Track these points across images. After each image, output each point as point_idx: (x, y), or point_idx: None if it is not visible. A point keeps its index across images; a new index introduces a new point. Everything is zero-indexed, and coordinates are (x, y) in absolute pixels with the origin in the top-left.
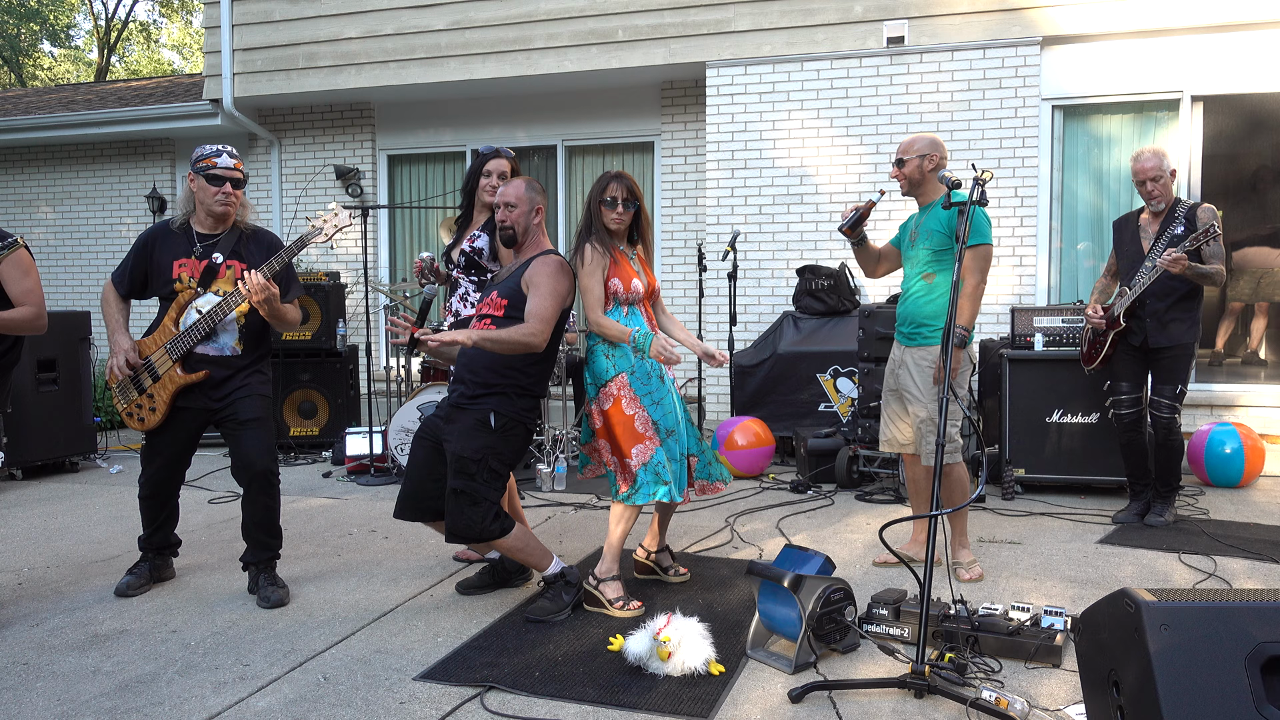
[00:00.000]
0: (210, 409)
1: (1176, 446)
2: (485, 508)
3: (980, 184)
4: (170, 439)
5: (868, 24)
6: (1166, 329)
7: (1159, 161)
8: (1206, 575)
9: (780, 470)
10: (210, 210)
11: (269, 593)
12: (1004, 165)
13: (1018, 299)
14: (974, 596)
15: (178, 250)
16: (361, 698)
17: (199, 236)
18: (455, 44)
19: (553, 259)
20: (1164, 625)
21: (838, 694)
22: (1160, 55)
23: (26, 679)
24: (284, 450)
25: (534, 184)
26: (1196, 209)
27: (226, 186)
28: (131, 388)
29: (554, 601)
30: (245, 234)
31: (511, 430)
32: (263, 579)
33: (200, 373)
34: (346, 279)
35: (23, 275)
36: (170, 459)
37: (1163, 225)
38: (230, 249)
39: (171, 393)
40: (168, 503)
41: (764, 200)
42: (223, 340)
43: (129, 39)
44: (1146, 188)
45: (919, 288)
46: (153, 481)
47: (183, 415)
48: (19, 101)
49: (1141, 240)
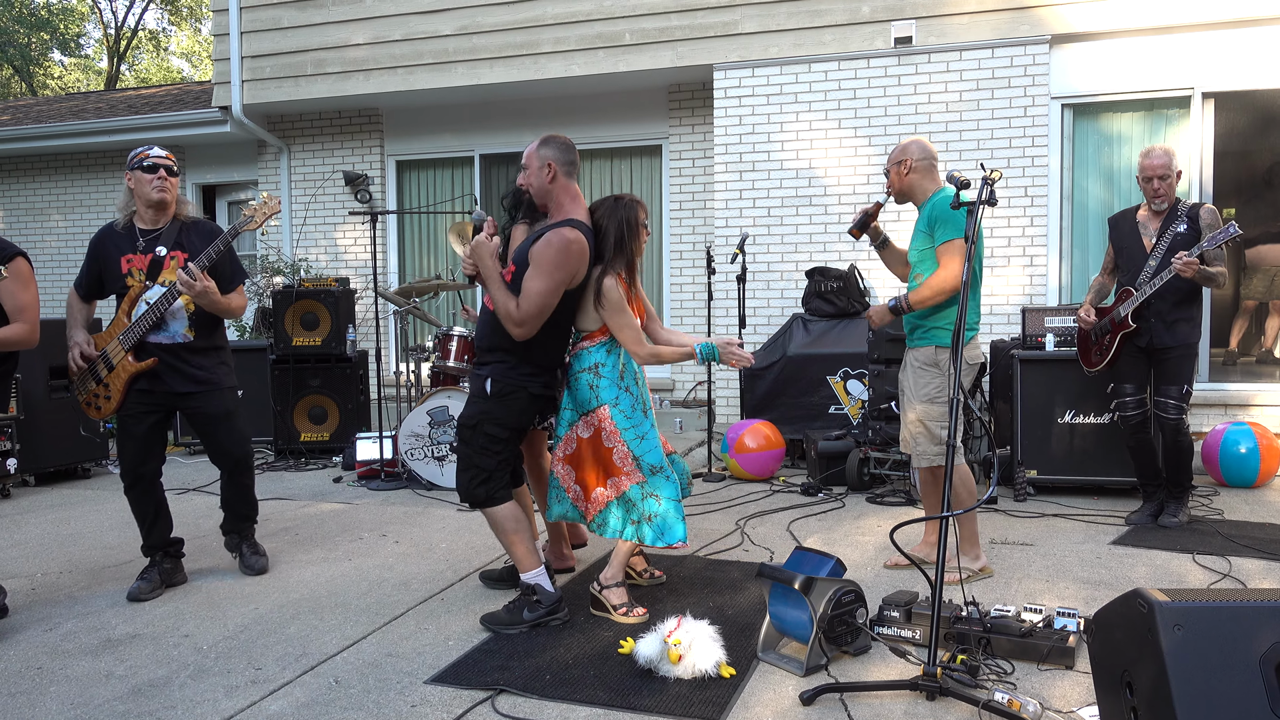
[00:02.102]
0: (174, 393)
1: (1186, 447)
2: (474, 473)
3: (989, 183)
4: (136, 423)
5: (875, 24)
6: (1172, 329)
7: (1169, 160)
8: (1221, 576)
9: (790, 473)
10: (149, 200)
11: (252, 560)
12: (1014, 165)
13: (1029, 299)
14: (986, 598)
15: (124, 247)
16: (373, 701)
17: (141, 232)
18: (463, 49)
19: (560, 236)
20: (1178, 626)
21: (849, 696)
22: (1171, 52)
23: (40, 683)
24: (294, 456)
25: (551, 140)
26: (1199, 209)
27: (161, 173)
28: (89, 378)
29: (511, 614)
30: (186, 224)
31: (509, 395)
32: (245, 547)
33: (150, 360)
34: (356, 285)
35: (21, 288)
36: (141, 443)
37: (1164, 224)
38: (173, 240)
39: (125, 380)
40: (151, 493)
41: (772, 202)
42: (173, 328)
43: (138, 47)
44: (1153, 185)
45: (913, 287)
46: (131, 471)
47: (145, 400)
48: (30, 110)
49: (1142, 238)
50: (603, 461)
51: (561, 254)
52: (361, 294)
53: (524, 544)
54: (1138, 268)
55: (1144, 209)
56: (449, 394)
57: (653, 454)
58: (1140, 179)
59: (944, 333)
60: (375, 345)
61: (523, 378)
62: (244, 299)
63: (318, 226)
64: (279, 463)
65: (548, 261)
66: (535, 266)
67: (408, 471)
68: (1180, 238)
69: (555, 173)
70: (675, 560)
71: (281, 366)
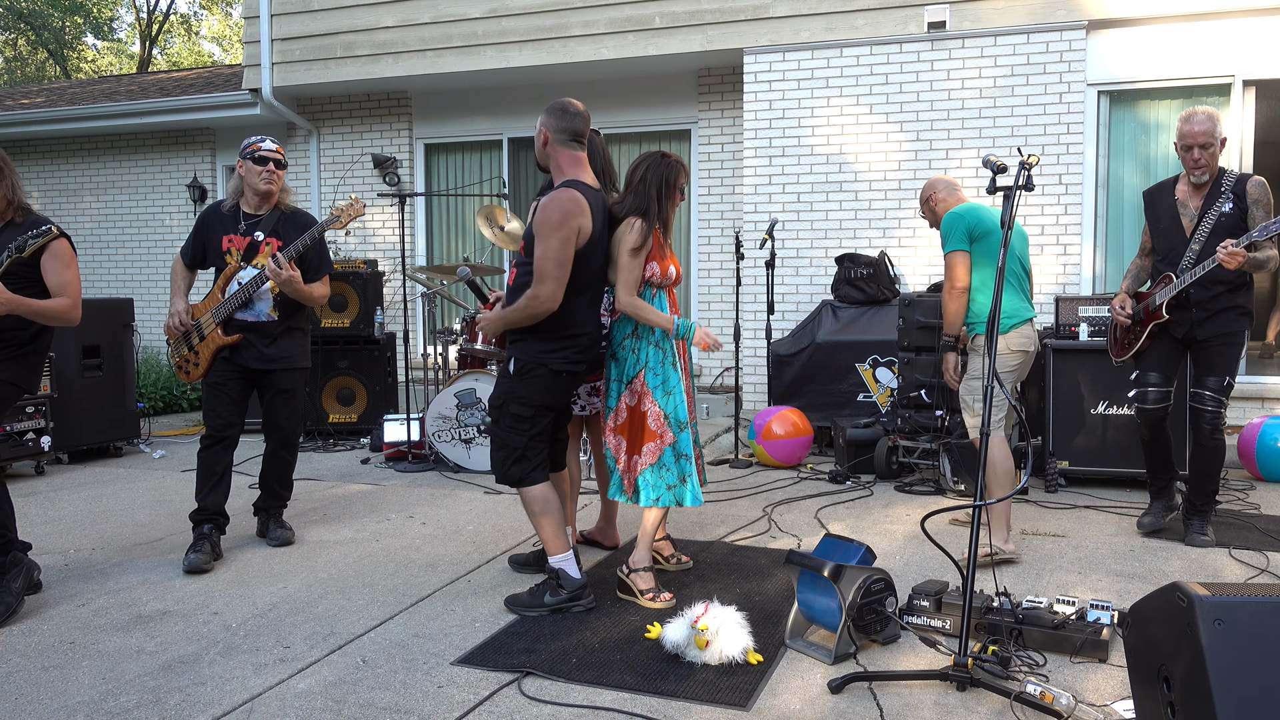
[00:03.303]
0: (252, 369)
1: (1219, 448)
2: (506, 453)
3: (1026, 168)
4: (229, 387)
5: (908, 9)
6: (1215, 318)
7: (1212, 126)
8: (1259, 571)
9: (818, 460)
10: (256, 189)
11: (277, 534)
12: (1048, 152)
13: (1062, 288)
14: (1018, 589)
15: (227, 226)
16: (400, 681)
17: (245, 215)
18: (492, 32)
19: (549, 199)
20: (1218, 620)
21: (878, 685)
22: (1211, 39)
23: (73, 657)
24: (323, 437)
25: (551, 107)
26: (1246, 182)
27: (270, 166)
28: (183, 344)
29: (534, 597)
30: (285, 214)
31: (530, 373)
32: (272, 523)
33: (236, 335)
34: (384, 267)
35: (63, 267)
36: (231, 402)
37: (1206, 202)
38: (271, 228)
39: (213, 351)
40: (221, 458)
41: (802, 188)
42: (259, 308)
43: (170, 31)
44: (1194, 155)
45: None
46: (217, 424)
47: (230, 367)
48: (64, 93)
49: (1181, 218)
50: (642, 427)
51: (553, 213)
52: (390, 276)
53: (553, 526)
54: (1176, 252)
55: (1183, 183)
56: (476, 376)
57: (681, 409)
58: (1179, 147)
59: (982, 323)
60: (403, 327)
61: (542, 354)
62: (326, 289)
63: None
64: (307, 443)
65: (544, 225)
66: (538, 235)
67: (435, 454)
68: (1225, 219)
69: (547, 139)
70: (702, 545)
71: (310, 347)
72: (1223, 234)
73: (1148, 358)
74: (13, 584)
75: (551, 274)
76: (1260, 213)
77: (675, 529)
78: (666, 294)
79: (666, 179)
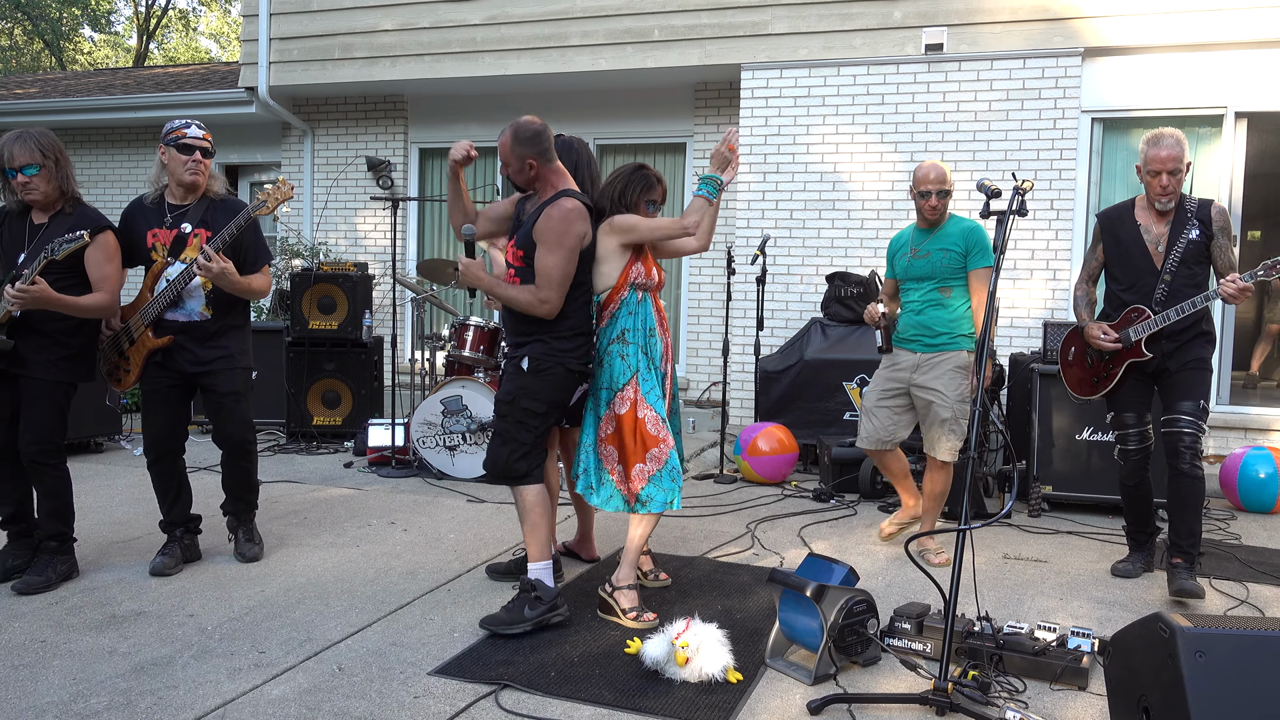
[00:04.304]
0: (188, 373)
1: (1200, 478)
2: (513, 447)
3: (1020, 193)
4: (162, 396)
5: (906, 30)
6: (1184, 347)
7: (1181, 150)
8: (1238, 602)
9: (803, 478)
10: (180, 180)
11: (245, 549)
12: (1041, 177)
13: (1050, 313)
14: (999, 614)
15: (150, 221)
16: (375, 690)
17: (170, 207)
18: (490, 39)
19: (559, 207)
20: (1199, 652)
21: (857, 708)
22: (1205, 70)
23: (44, 656)
24: (306, 439)
25: (522, 133)
26: (1209, 208)
27: (196, 155)
28: (112, 350)
29: (511, 614)
30: (214, 202)
31: (547, 370)
32: (240, 533)
33: (165, 338)
34: (374, 270)
35: (105, 260)
36: (165, 415)
37: (1174, 229)
38: (199, 218)
39: (143, 355)
40: (174, 467)
41: (795, 205)
42: (190, 306)
43: (168, 26)
44: (1162, 181)
45: (933, 300)
46: (154, 446)
47: (164, 374)
48: (58, 84)
49: (1147, 245)
50: (641, 435)
51: (564, 222)
52: (379, 280)
53: (544, 532)
54: (1144, 284)
55: (1143, 208)
56: (463, 383)
57: (659, 405)
58: (1145, 173)
59: (971, 339)
60: (391, 332)
61: (560, 354)
62: (267, 279)
63: (338, 211)
64: (290, 445)
65: (554, 233)
66: (544, 244)
67: (419, 459)
68: (1193, 246)
69: (537, 169)
70: (685, 561)
71: (297, 349)
72: (1191, 262)
73: (1121, 397)
74: (59, 566)
75: (558, 283)
76: (1224, 239)
77: (658, 544)
78: (652, 297)
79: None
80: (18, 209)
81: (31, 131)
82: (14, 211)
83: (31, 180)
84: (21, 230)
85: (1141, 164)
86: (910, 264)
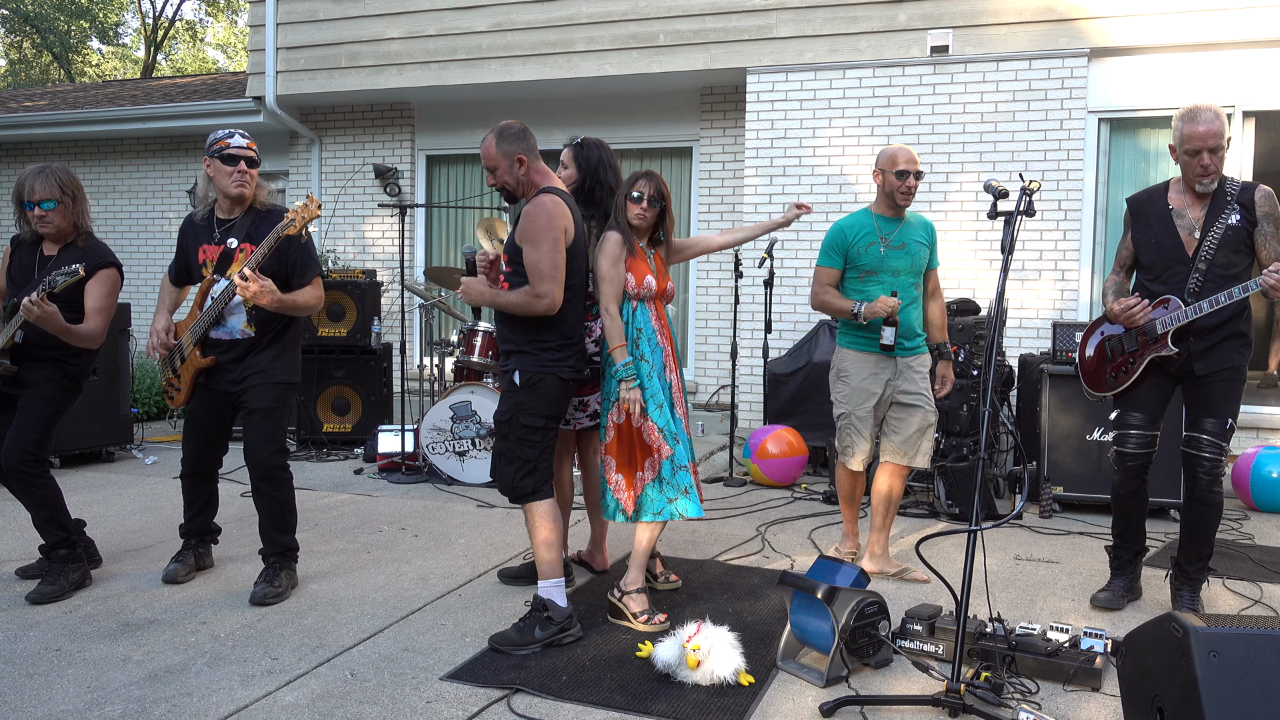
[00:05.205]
0: (228, 391)
1: (1217, 503)
2: (518, 465)
3: (1028, 194)
4: (202, 418)
5: (912, 32)
6: (1217, 350)
7: (1221, 125)
8: (1252, 602)
9: (812, 480)
10: (227, 192)
11: (258, 589)
12: (1048, 178)
13: (1059, 314)
14: (1011, 615)
15: (201, 238)
16: (388, 695)
17: (218, 222)
18: (496, 46)
19: (534, 205)
20: (1213, 652)
21: (870, 709)
22: (1212, 70)
23: (58, 665)
24: (316, 446)
25: (507, 132)
26: (1254, 191)
27: (241, 165)
28: (168, 366)
29: (522, 634)
30: (260, 213)
31: (539, 384)
32: (263, 573)
33: (209, 358)
34: (383, 277)
35: (105, 293)
36: (203, 438)
37: (1211, 213)
38: (244, 232)
39: (192, 374)
40: (205, 484)
41: None
42: (231, 324)
43: (175, 38)
44: (1203, 160)
45: (911, 296)
46: (190, 459)
47: (208, 395)
48: (67, 96)
49: (1179, 231)
50: (638, 443)
51: (540, 217)
52: (388, 287)
53: (554, 549)
54: (1176, 272)
55: (1177, 191)
56: (472, 389)
57: (675, 421)
58: (1183, 153)
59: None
60: (400, 338)
61: (548, 364)
62: (317, 293)
63: (346, 219)
64: (301, 452)
65: (534, 230)
66: (528, 242)
67: (428, 465)
68: (1231, 232)
69: (527, 164)
70: (695, 564)
71: (306, 356)
72: (1229, 250)
73: (1134, 395)
74: (72, 574)
75: (549, 275)
76: (1270, 227)
77: (668, 547)
78: (650, 307)
79: (621, 190)
80: (30, 238)
81: (53, 167)
82: (26, 240)
83: (48, 215)
84: (32, 261)
85: (1177, 143)
86: (886, 254)
